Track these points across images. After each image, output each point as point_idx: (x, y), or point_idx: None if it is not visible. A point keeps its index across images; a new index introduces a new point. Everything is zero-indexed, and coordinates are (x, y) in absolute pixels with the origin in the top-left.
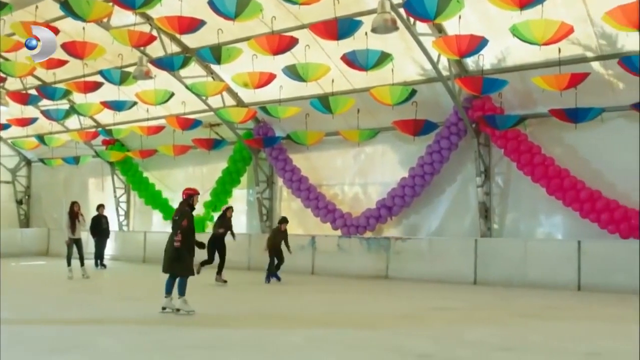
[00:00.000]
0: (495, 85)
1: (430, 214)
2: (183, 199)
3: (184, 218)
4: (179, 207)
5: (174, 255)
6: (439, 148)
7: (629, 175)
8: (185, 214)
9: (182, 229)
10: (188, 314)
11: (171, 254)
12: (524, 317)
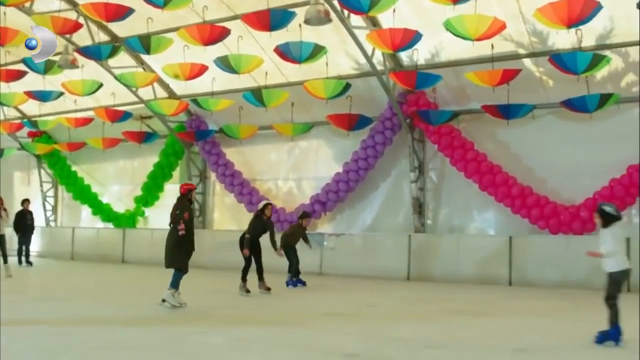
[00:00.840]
0: (429, 80)
1: (365, 209)
2: (181, 194)
3: (186, 211)
4: (179, 202)
5: (175, 249)
6: (374, 143)
7: (559, 171)
8: (186, 207)
9: (185, 222)
10: (172, 307)
11: (173, 246)
12: (455, 313)
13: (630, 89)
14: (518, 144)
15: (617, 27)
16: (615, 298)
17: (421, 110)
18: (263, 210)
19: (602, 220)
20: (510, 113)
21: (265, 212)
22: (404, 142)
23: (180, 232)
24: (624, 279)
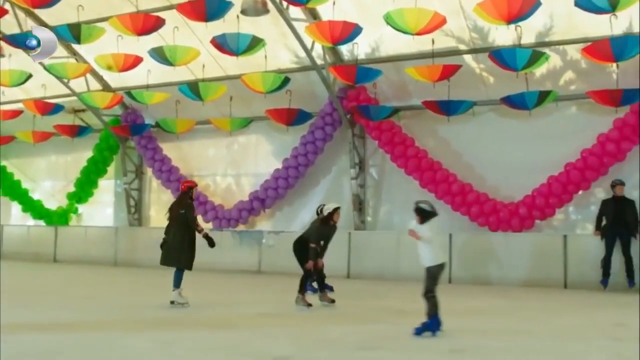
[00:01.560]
0: (370, 75)
1: (304, 206)
2: (182, 191)
3: (191, 210)
4: (181, 200)
5: (185, 247)
6: (314, 139)
7: (499, 168)
8: (189, 206)
9: (189, 221)
10: (182, 306)
11: (181, 245)
12: (392, 312)
13: (568, 87)
14: (458, 140)
15: (557, 25)
16: (433, 291)
17: (361, 106)
18: (332, 215)
19: (419, 217)
20: (451, 109)
21: (334, 217)
22: (345, 138)
23: (202, 232)
24: (441, 273)
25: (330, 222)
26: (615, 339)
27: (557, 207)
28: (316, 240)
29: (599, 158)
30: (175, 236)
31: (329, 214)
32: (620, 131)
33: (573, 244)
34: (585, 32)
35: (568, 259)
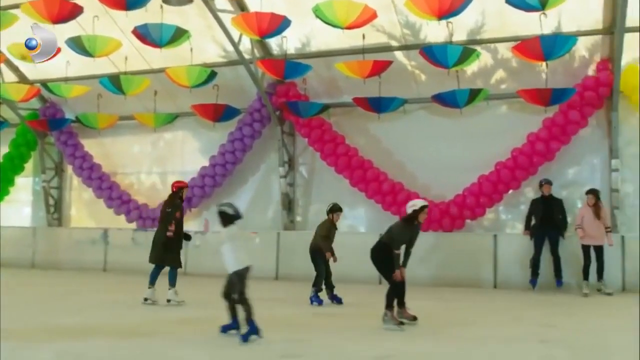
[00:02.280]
0: (299, 70)
1: None
2: (172, 191)
3: (177, 210)
4: (169, 200)
5: (166, 246)
6: (242, 136)
7: (430, 167)
8: (177, 206)
9: (175, 221)
10: (178, 304)
11: (162, 244)
12: (318, 316)
13: (499, 86)
14: (389, 138)
15: (488, 23)
16: (244, 293)
17: (290, 102)
18: (417, 214)
19: (222, 220)
20: (382, 106)
21: (420, 217)
22: (274, 136)
23: (169, 233)
24: (246, 275)
25: (414, 223)
26: (543, 340)
27: (487, 206)
28: (399, 246)
29: (528, 157)
30: (159, 236)
31: (413, 212)
32: (550, 131)
33: (503, 243)
34: (516, 30)
35: (498, 259)
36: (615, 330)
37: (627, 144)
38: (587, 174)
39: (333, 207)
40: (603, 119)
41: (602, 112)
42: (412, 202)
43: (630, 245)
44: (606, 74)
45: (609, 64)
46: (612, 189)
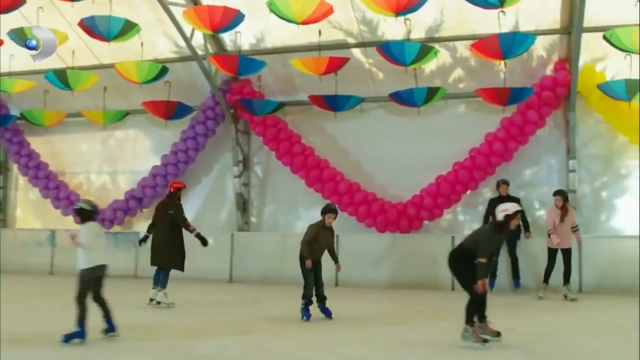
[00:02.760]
0: (253, 66)
1: (185, 206)
2: (170, 192)
3: (180, 211)
4: (169, 200)
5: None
6: (195, 134)
7: (387, 167)
8: (179, 207)
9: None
10: (168, 306)
11: (167, 245)
12: (271, 321)
13: (457, 85)
14: (346, 138)
15: (447, 21)
16: (84, 296)
17: (244, 99)
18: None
19: (79, 216)
20: (338, 105)
21: (512, 223)
22: (228, 134)
23: (194, 231)
24: (94, 276)
25: (506, 230)
26: (504, 346)
27: (445, 207)
28: (486, 254)
29: (486, 157)
30: (164, 237)
31: (506, 218)
32: (508, 131)
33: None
34: (475, 29)
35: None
36: (576, 334)
37: (584, 145)
38: (545, 174)
39: (325, 208)
40: (560, 119)
41: (559, 112)
42: (504, 205)
43: (588, 246)
44: (564, 74)
45: (567, 64)
46: (569, 189)
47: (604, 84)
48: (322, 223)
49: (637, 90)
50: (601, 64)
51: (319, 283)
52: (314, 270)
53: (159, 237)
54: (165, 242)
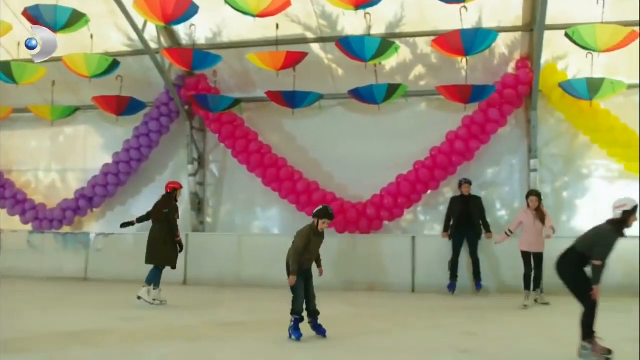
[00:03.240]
0: (208, 61)
1: (139, 205)
2: (167, 192)
3: (175, 212)
4: (165, 201)
5: (161, 244)
6: (148, 131)
7: (347, 166)
8: (174, 208)
9: (173, 221)
10: (151, 304)
11: (158, 243)
12: (223, 327)
13: (418, 82)
14: (305, 136)
15: (408, 16)
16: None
17: (199, 95)
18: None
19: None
20: (296, 101)
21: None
22: (183, 131)
23: (177, 238)
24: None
25: (625, 228)
26: (464, 350)
27: (406, 207)
28: (605, 256)
29: (448, 157)
30: (159, 235)
31: (625, 214)
32: (469, 129)
33: (421, 245)
34: (436, 25)
35: (416, 262)
36: (537, 338)
37: (546, 145)
38: (506, 174)
39: (320, 212)
40: (522, 118)
41: (521, 111)
42: (620, 201)
43: (549, 248)
44: (525, 72)
45: (529, 62)
46: (530, 189)
47: (565, 82)
48: (314, 228)
49: (599, 89)
50: (563, 63)
51: (310, 295)
52: (304, 281)
53: (153, 235)
54: (158, 240)
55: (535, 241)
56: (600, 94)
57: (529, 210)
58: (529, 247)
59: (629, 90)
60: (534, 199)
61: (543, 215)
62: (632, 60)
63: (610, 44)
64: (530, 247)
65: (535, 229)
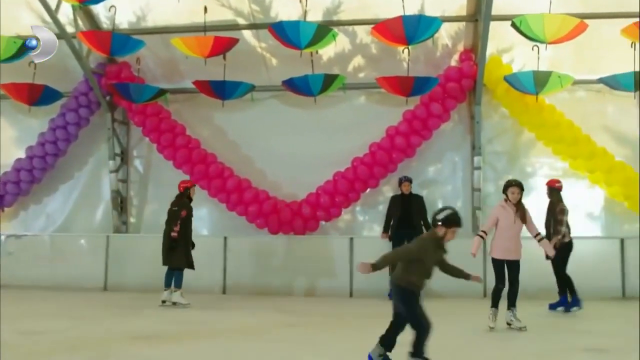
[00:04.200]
0: (129, 46)
1: (54, 204)
2: (180, 192)
3: (183, 208)
4: (177, 200)
5: (171, 246)
6: (65, 123)
7: (281, 162)
8: (184, 205)
9: (181, 220)
10: (184, 307)
11: (168, 245)
12: (139, 340)
13: (357, 74)
14: (236, 130)
15: (346, 2)
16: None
17: (119, 84)
18: None
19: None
20: (226, 92)
21: None
22: (105, 124)
23: (173, 234)
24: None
25: None
26: None
27: (343, 206)
28: None
29: (388, 153)
30: (165, 236)
31: None
32: (410, 124)
33: (360, 247)
34: (377, 13)
35: (354, 265)
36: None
37: (489, 141)
38: (449, 171)
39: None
40: (465, 113)
41: (464, 106)
42: None
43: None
44: (469, 64)
45: (472, 55)
46: (474, 188)
47: (511, 75)
48: (438, 239)
49: (546, 83)
50: (508, 56)
51: None
52: None
53: (165, 236)
54: (168, 242)
55: (513, 246)
56: (547, 88)
57: (507, 206)
58: (504, 254)
59: (573, 86)
60: (516, 190)
61: (524, 213)
62: (577, 55)
63: (558, 34)
64: (506, 254)
65: (514, 230)
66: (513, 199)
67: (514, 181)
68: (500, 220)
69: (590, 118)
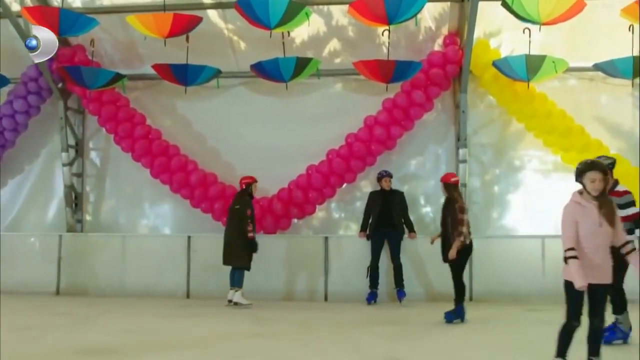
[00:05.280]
0: (79, 24)
1: (2, 200)
2: (241, 188)
3: (248, 207)
4: (238, 198)
5: (241, 245)
6: (13, 112)
7: (250, 155)
8: (247, 203)
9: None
10: (246, 307)
11: (237, 244)
12: (92, 355)
13: (333, 59)
14: (201, 120)
15: None
16: None
17: (70, 67)
18: None
19: None
20: (189, 77)
21: None
22: (58, 113)
23: (249, 234)
24: None
25: None
26: None
27: (317, 203)
28: None
29: (366, 145)
30: (231, 234)
31: None
32: (390, 113)
33: (335, 247)
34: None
35: (329, 266)
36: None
37: (475, 133)
38: (431, 165)
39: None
40: (449, 102)
41: (448, 94)
42: None
43: (478, 248)
44: (454, 49)
45: (457, 38)
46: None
47: (500, 60)
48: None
49: (539, 69)
50: (495, 40)
51: None
52: None
53: (228, 235)
54: (234, 240)
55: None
56: (540, 74)
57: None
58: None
59: (564, 74)
60: (597, 175)
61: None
62: (569, 40)
63: (553, 14)
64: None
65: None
66: (593, 190)
67: (592, 162)
68: (578, 224)
69: (582, 108)
